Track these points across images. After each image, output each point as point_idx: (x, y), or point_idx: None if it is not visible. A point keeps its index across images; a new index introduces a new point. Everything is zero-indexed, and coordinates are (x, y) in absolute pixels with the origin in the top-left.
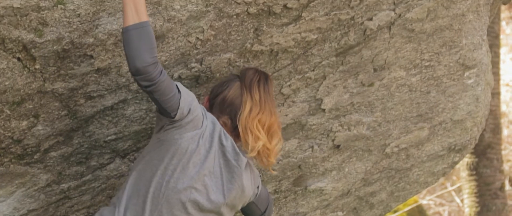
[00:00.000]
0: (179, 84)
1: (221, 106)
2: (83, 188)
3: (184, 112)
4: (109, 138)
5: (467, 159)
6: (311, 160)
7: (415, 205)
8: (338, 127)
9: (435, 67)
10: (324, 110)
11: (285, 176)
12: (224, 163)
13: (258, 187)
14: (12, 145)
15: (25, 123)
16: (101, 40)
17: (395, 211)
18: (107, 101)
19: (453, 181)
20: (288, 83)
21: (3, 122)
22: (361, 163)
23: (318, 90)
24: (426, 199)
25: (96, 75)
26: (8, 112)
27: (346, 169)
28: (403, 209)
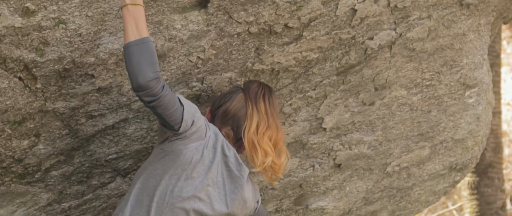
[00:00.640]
0: (181, 97)
1: (224, 118)
2: (84, 207)
3: (188, 124)
4: (110, 157)
5: (468, 178)
6: (312, 179)
7: None
8: (339, 146)
9: (436, 86)
10: (325, 129)
11: (286, 195)
12: (227, 174)
13: (258, 202)
14: (13, 165)
15: (26, 142)
16: (102, 60)
17: None
18: (108, 120)
19: (454, 200)
20: (289, 102)
21: (4, 142)
22: (362, 182)
23: (319, 109)
24: None
25: (97, 94)
26: (9, 132)
27: (347, 188)
28: None
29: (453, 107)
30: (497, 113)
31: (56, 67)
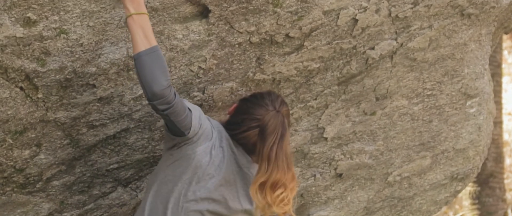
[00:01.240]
0: (185, 100)
1: (235, 137)
2: None
3: (196, 129)
4: (111, 167)
5: (470, 188)
6: (314, 189)
7: None
8: (341, 156)
9: (437, 96)
10: (327, 139)
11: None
12: (237, 170)
13: None
14: (14, 174)
15: (28, 152)
16: (104, 69)
17: None
18: (110, 130)
19: (456, 210)
20: (291, 112)
21: (6, 151)
22: (364, 192)
23: (321, 119)
24: None
25: (99, 104)
26: (11, 141)
27: (349, 198)
28: None
29: (454, 117)
30: (498, 123)
31: (58, 77)
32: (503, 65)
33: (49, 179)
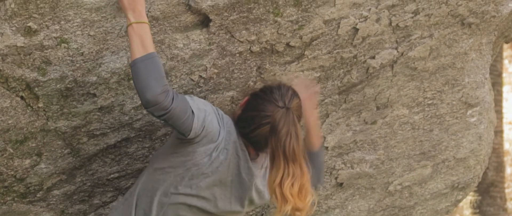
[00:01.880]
0: (192, 101)
1: (245, 136)
2: None
3: (197, 132)
4: (112, 176)
5: (471, 197)
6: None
7: None
8: (341, 165)
9: (438, 105)
10: (327, 148)
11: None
12: (237, 174)
13: None
14: (15, 184)
15: (28, 162)
16: (104, 79)
17: None
18: (110, 139)
19: None
20: None
21: (6, 161)
22: (364, 201)
23: (321, 128)
24: None
25: (99, 114)
26: (11, 151)
27: (349, 207)
28: None
29: (455, 126)
30: (499, 132)
31: (58, 86)
32: (504, 74)
33: (50, 189)
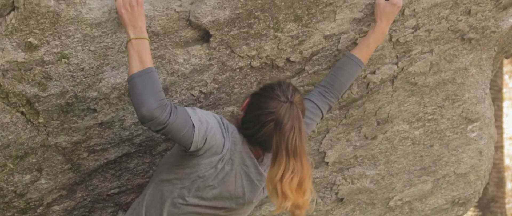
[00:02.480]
0: (193, 114)
1: (250, 139)
2: None
3: (199, 145)
4: (112, 192)
5: (471, 213)
6: (315, 214)
7: None
8: (342, 180)
9: (438, 121)
10: (328, 163)
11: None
12: (248, 183)
13: None
14: (15, 199)
15: (28, 177)
16: (105, 94)
17: None
18: (111, 155)
19: None
20: None
21: (6, 176)
22: None
23: (322, 143)
24: None
25: (100, 129)
26: (12, 166)
27: None
28: None
29: (455, 141)
30: (500, 148)
31: (59, 102)
32: (504, 90)
33: (50, 204)
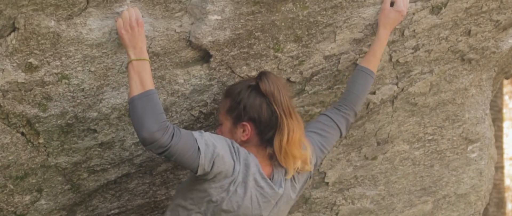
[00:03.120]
0: (200, 137)
1: (264, 134)
2: None
3: (206, 169)
4: (112, 212)
5: None
6: None
7: None
8: (342, 201)
9: (439, 141)
10: (328, 184)
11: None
12: (263, 200)
13: (313, 164)
14: None
15: (28, 198)
16: (105, 114)
17: None
18: (111, 175)
19: None
20: None
21: (6, 197)
22: None
23: (322, 164)
24: None
25: (100, 149)
26: (12, 187)
27: None
28: None
29: (456, 162)
30: (500, 168)
31: (59, 122)
32: (504, 110)
33: None
